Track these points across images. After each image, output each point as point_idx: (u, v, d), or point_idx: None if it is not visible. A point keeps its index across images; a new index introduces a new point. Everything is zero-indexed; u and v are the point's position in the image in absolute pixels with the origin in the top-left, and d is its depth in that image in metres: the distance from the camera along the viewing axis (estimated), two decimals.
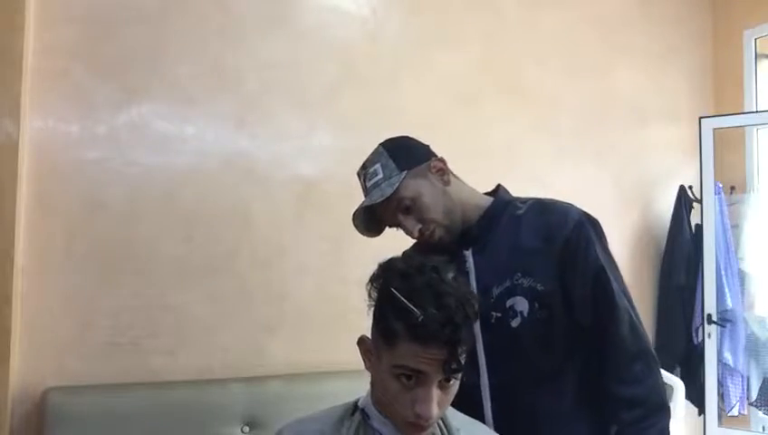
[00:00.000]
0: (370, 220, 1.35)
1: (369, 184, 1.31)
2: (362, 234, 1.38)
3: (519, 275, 1.24)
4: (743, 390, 3.12)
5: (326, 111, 2.54)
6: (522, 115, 2.99)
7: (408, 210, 1.28)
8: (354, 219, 1.36)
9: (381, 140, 1.59)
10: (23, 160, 2.03)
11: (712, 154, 3.02)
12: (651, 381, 1.22)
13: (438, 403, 0.96)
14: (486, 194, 1.44)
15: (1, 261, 1.95)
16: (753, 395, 3.17)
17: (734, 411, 3.08)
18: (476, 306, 0.98)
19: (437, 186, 1.33)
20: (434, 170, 1.36)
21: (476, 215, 1.33)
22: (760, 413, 3.17)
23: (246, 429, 2.17)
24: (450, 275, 0.99)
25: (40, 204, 2.09)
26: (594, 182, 3.17)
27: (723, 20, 3.54)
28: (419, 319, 0.92)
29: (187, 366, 2.24)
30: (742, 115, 3.30)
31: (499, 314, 1.23)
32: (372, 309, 1.04)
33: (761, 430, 3.17)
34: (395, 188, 1.25)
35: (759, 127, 3.31)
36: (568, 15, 3.14)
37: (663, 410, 1.21)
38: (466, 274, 1.26)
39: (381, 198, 1.26)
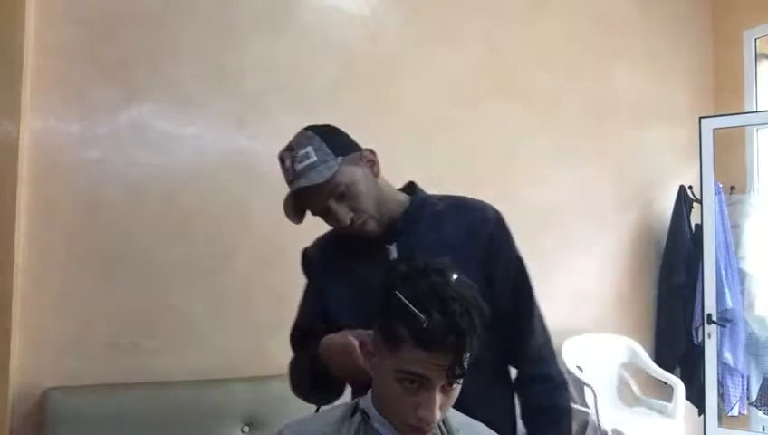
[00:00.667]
0: (294, 207, 1.31)
1: (298, 167, 1.27)
2: (291, 221, 1.34)
3: None
4: (743, 390, 3.12)
5: (326, 111, 2.53)
6: (522, 115, 2.99)
7: (341, 197, 1.25)
8: (285, 207, 1.31)
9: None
10: (23, 160, 2.03)
11: (712, 154, 3.02)
12: (555, 364, 1.36)
13: (440, 407, 0.95)
14: (401, 190, 1.43)
15: (1, 261, 1.95)
16: (753, 395, 3.17)
17: (734, 411, 3.08)
18: (483, 310, 0.97)
19: (369, 176, 1.32)
20: (365, 160, 1.35)
21: (398, 209, 1.33)
22: (760, 413, 3.17)
23: (246, 429, 2.17)
24: (454, 277, 0.98)
25: (40, 204, 2.09)
26: (594, 182, 3.17)
27: (723, 20, 3.54)
28: (424, 325, 0.91)
29: (186, 366, 2.24)
30: (742, 115, 3.30)
31: None
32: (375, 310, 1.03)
33: (761, 429, 3.17)
34: (333, 172, 1.24)
35: (759, 127, 3.31)
36: (568, 16, 3.14)
37: (565, 385, 1.36)
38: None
39: (321, 180, 1.22)
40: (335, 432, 1.03)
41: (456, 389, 0.97)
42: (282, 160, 1.34)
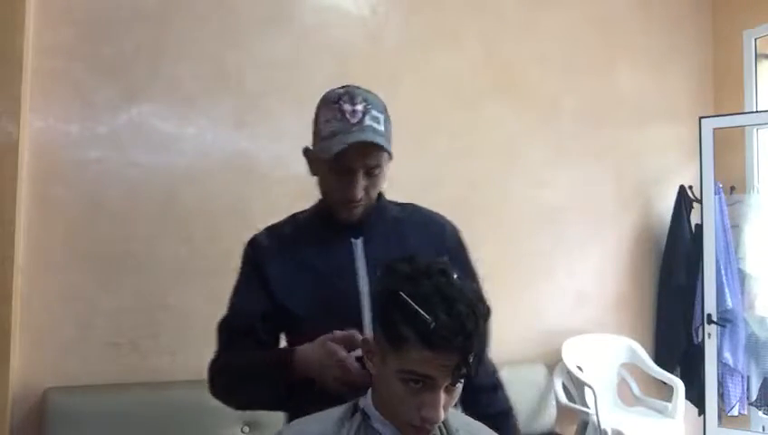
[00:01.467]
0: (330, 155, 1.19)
1: (368, 121, 1.20)
2: (316, 167, 1.26)
3: None
4: (743, 390, 3.11)
5: None
6: (522, 115, 2.99)
7: (370, 174, 1.22)
8: (324, 150, 1.20)
9: None
10: (23, 160, 2.03)
11: (712, 154, 3.02)
12: (498, 373, 1.38)
13: (443, 406, 0.95)
14: None
15: (1, 261, 1.95)
16: (753, 395, 3.17)
17: (734, 411, 3.08)
18: (487, 309, 0.97)
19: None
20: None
21: (368, 208, 1.30)
22: (760, 413, 3.17)
23: (246, 429, 2.17)
24: (455, 276, 0.98)
25: (40, 204, 2.09)
26: (594, 182, 3.17)
27: (723, 20, 3.54)
28: (431, 326, 0.90)
29: (186, 366, 2.24)
30: (742, 115, 3.30)
31: None
32: (375, 311, 1.03)
33: (761, 430, 3.17)
34: (389, 149, 1.22)
35: (759, 127, 3.31)
36: (568, 15, 3.14)
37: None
38: (352, 261, 1.24)
39: (384, 145, 1.19)
40: (335, 433, 1.03)
41: (459, 388, 0.97)
42: (351, 98, 1.24)
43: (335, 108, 1.22)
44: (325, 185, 1.27)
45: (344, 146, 1.15)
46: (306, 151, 1.32)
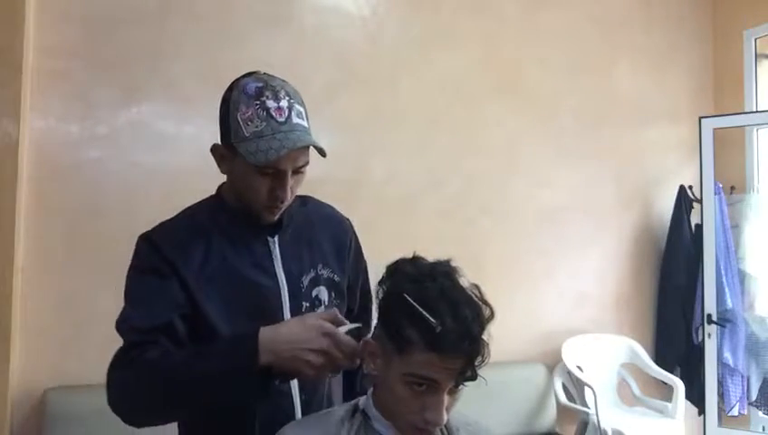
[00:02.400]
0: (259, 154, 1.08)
1: (296, 120, 1.12)
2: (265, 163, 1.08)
3: (320, 265, 1.24)
4: (743, 390, 3.11)
5: (326, 112, 2.54)
6: (522, 115, 2.99)
7: (297, 172, 1.15)
8: (258, 152, 1.07)
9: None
10: (23, 160, 2.03)
11: (712, 154, 3.02)
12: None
13: (446, 408, 0.95)
14: None
15: (1, 261, 1.95)
16: (753, 395, 3.17)
17: (734, 411, 3.08)
18: (491, 313, 0.97)
19: None
20: None
21: None
22: (760, 413, 3.17)
23: None
24: (460, 279, 0.98)
25: (40, 204, 2.09)
26: (594, 182, 3.17)
27: (723, 20, 3.54)
28: (437, 330, 0.90)
29: None
30: (742, 115, 3.30)
31: (308, 304, 1.19)
32: (378, 312, 1.02)
33: (761, 430, 3.17)
34: (318, 144, 1.14)
35: (759, 127, 3.31)
36: (568, 15, 3.14)
37: None
38: (270, 260, 1.18)
39: (312, 145, 1.13)
40: (335, 433, 1.03)
41: (461, 390, 0.97)
42: (274, 94, 1.11)
43: (257, 105, 1.09)
44: (244, 186, 1.15)
45: (281, 153, 1.07)
46: (216, 148, 1.20)
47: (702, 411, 3.04)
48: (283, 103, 1.11)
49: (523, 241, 2.96)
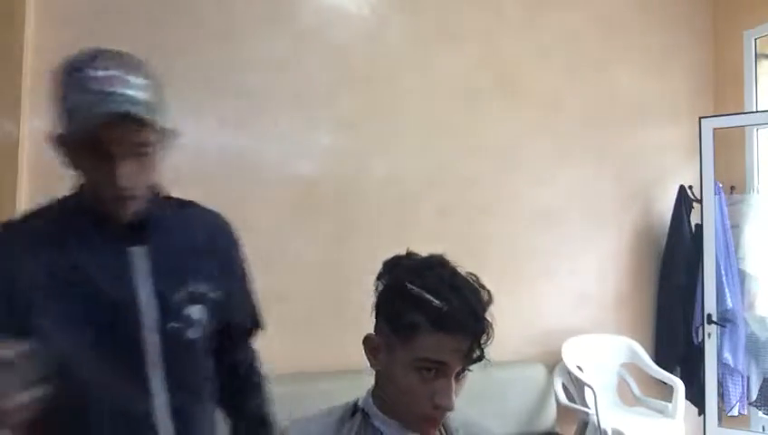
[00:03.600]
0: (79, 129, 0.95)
1: (120, 88, 0.95)
2: (60, 146, 1.01)
3: (194, 280, 1.10)
4: (743, 390, 3.11)
5: (326, 111, 2.54)
6: (522, 115, 2.99)
7: (140, 155, 0.99)
8: (71, 127, 0.97)
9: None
10: (23, 160, 2.03)
11: (712, 154, 3.02)
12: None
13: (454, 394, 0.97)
14: None
15: None
16: (753, 395, 3.17)
17: (734, 411, 3.08)
18: (489, 296, 0.99)
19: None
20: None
21: (148, 205, 1.08)
22: (760, 413, 3.17)
23: None
24: (457, 268, 1.01)
25: (40, 204, 2.09)
26: (594, 182, 3.17)
27: (723, 20, 3.54)
28: (444, 310, 0.93)
29: None
30: (742, 115, 3.30)
31: (178, 325, 1.06)
32: (377, 307, 1.03)
33: (761, 429, 3.17)
34: (162, 124, 1.01)
35: (759, 127, 3.31)
36: (568, 15, 3.14)
37: None
38: (130, 271, 1.02)
39: (149, 120, 0.97)
40: (334, 432, 1.03)
41: (465, 377, 0.98)
42: (96, 62, 0.98)
43: (77, 77, 0.97)
44: (86, 177, 1.04)
45: (88, 121, 0.93)
46: (53, 138, 1.04)
47: (702, 411, 3.04)
48: (109, 72, 0.96)
49: (523, 241, 2.97)
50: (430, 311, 0.94)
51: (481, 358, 0.96)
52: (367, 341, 1.04)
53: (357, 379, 1.28)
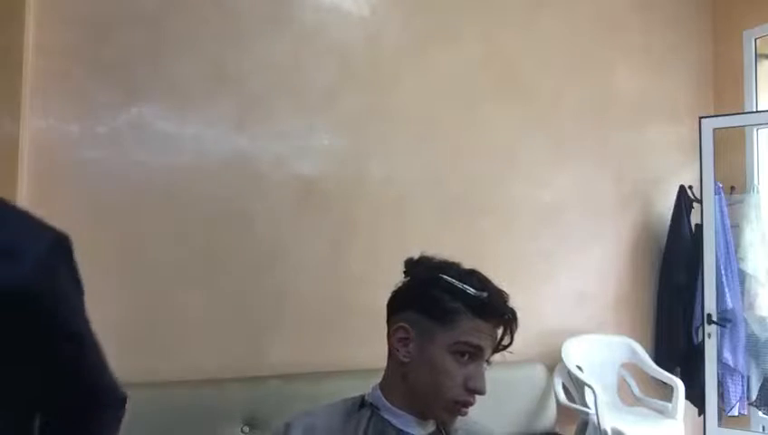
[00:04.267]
0: None
1: None
2: None
3: None
4: (743, 390, 3.12)
5: (326, 111, 2.54)
6: (522, 115, 2.99)
7: None
8: None
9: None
10: (23, 160, 2.03)
11: (712, 154, 3.02)
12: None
13: None
14: None
15: None
16: (753, 395, 3.17)
17: (734, 411, 3.08)
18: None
19: None
20: None
21: None
22: (760, 413, 3.17)
23: (246, 429, 2.17)
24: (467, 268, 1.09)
25: (40, 204, 2.09)
26: (594, 182, 3.17)
27: (723, 20, 3.54)
28: (483, 297, 1.02)
29: (186, 366, 2.24)
30: (742, 115, 3.30)
31: None
32: (403, 301, 1.08)
33: (761, 429, 3.17)
34: None
35: (759, 127, 3.31)
36: (568, 15, 3.14)
37: None
38: None
39: None
40: (341, 425, 1.04)
41: (487, 366, 1.06)
42: None
43: None
44: None
45: None
46: None
47: (702, 411, 3.04)
48: None
49: (523, 241, 2.97)
50: (469, 299, 1.02)
51: (510, 343, 1.05)
52: (397, 331, 1.07)
53: (356, 379, 1.28)
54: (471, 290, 1.02)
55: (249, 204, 2.40)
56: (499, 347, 1.05)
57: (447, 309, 1.02)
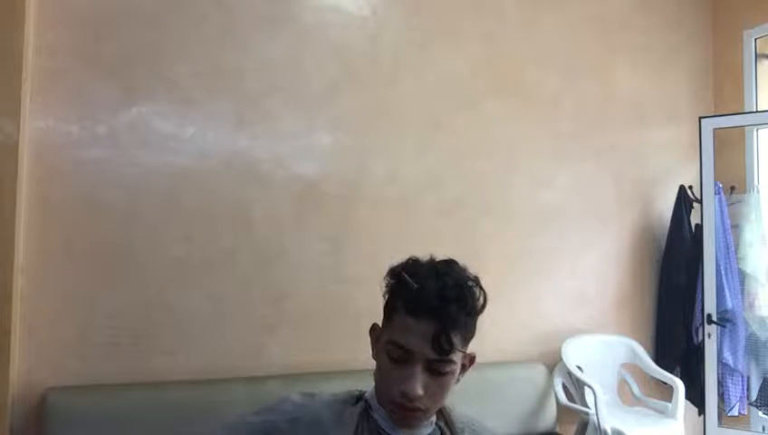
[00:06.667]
0: None
1: None
2: None
3: None
4: (743, 390, 3.12)
5: (326, 111, 2.54)
6: (522, 115, 2.99)
7: None
8: None
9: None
10: (23, 160, 2.03)
11: (712, 154, 3.02)
12: None
13: (425, 388, 0.96)
14: None
15: (1, 261, 1.94)
16: (753, 395, 3.17)
17: (734, 411, 3.08)
18: (483, 294, 1.01)
19: None
20: None
21: None
22: (760, 413, 3.17)
23: None
24: (460, 266, 1.04)
25: (40, 204, 2.09)
26: (594, 182, 3.17)
27: (723, 20, 3.54)
28: (414, 289, 0.96)
29: (186, 366, 2.24)
30: (742, 115, 3.30)
31: None
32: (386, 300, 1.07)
33: (761, 429, 3.17)
34: None
35: (759, 127, 3.31)
36: (568, 15, 3.14)
37: None
38: None
39: None
40: (336, 413, 1.04)
41: (447, 377, 0.98)
42: None
43: None
44: None
45: None
46: None
47: (702, 411, 3.04)
48: None
49: (523, 241, 2.97)
50: (405, 293, 0.97)
51: (449, 350, 0.95)
52: (372, 330, 1.08)
53: (356, 379, 1.28)
54: (409, 281, 0.97)
55: (249, 204, 2.40)
56: (435, 348, 0.94)
57: (390, 306, 1.00)
